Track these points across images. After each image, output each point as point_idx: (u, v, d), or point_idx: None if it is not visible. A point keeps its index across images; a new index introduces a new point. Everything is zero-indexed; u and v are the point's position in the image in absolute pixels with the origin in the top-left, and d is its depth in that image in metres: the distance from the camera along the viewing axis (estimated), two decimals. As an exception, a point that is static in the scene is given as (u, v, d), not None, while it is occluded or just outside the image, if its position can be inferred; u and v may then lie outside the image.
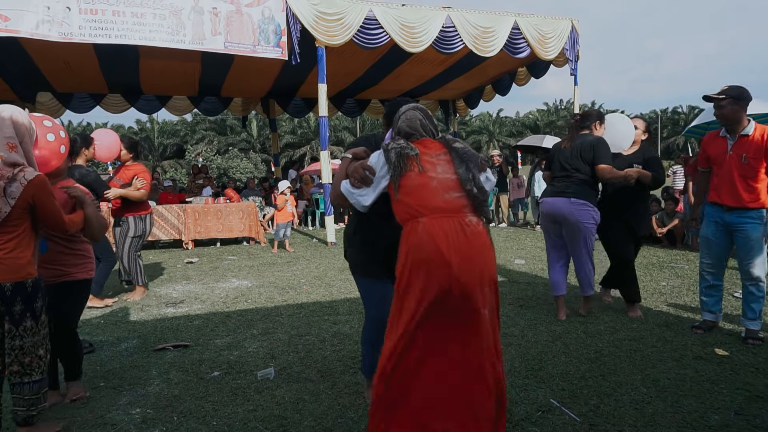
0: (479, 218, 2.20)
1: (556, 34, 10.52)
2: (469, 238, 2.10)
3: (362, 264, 2.64)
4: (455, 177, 2.18)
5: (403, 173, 2.16)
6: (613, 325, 3.97)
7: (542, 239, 8.80)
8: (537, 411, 2.61)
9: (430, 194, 2.13)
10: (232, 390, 2.99)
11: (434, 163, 2.20)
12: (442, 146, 2.27)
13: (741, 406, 2.62)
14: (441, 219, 2.10)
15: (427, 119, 2.33)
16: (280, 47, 8.64)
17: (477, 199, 2.18)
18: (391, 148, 2.20)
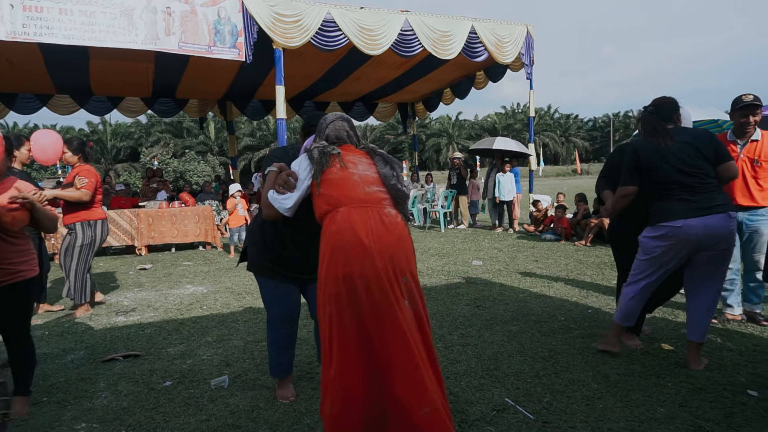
0: (398, 213, 2.30)
1: (512, 39, 10.74)
2: (388, 228, 2.20)
3: (261, 263, 2.78)
4: (376, 175, 2.33)
5: (325, 169, 2.27)
6: (567, 324, 4.06)
7: (500, 240, 9.05)
8: (492, 410, 2.64)
9: (350, 186, 2.25)
10: (185, 400, 2.90)
11: (356, 162, 2.33)
12: (366, 154, 2.41)
13: (685, 398, 2.73)
14: (360, 208, 2.20)
15: (352, 130, 2.49)
16: (237, 48, 8.49)
17: (399, 195, 2.31)
18: (313, 148, 2.33)
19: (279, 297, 2.78)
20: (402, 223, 2.29)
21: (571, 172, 53.86)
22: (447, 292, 5.21)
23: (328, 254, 2.17)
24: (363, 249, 2.12)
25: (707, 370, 3.07)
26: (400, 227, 2.26)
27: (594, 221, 8.22)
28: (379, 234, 2.16)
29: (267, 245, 2.72)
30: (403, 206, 2.33)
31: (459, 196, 11.35)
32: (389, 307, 2.11)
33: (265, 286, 2.81)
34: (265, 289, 2.82)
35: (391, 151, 58.12)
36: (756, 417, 2.50)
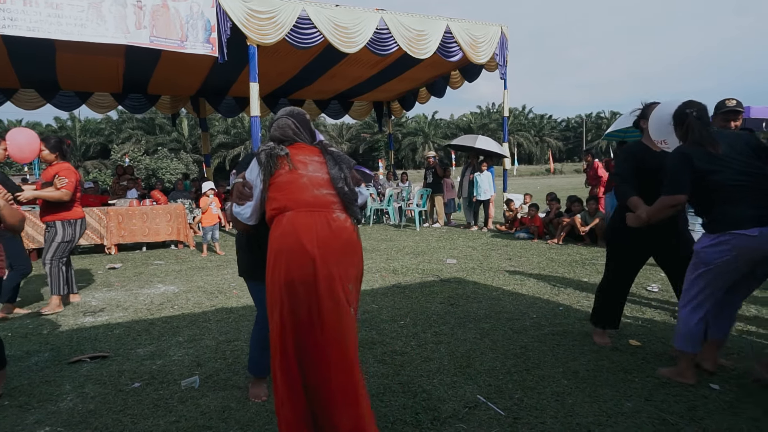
0: (348, 216, 2.28)
1: (486, 39, 10.83)
2: (334, 233, 2.17)
3: (251, 267, 2.72)
4: (327, 177, 2.27)
5: (273, 172, 2.22)
6: (538, 321, 4.12)
7: (475, 239, 9.13)
8: (464, 407, 2.66)
9: (298, 189, 2.20)
10: (154, 401, 2.85)
11: (306, 162, 2.27)
12: (317, 150, 2.36)
13: (651, 392, 2.79)
14: (306, 213, 2.17)
15: (300, 126, 2.39)
16: (210, 43, 8.37)
17: (347, 197, 2.27)
18: (260, 151, 2.28)
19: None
20: (350, 228, 2.26)
21: (545, 171, 54.69)
22: (421, 291, 5.23)
23: (272, 259, 2.17)
24: (306, 256, 2.10)
25: (671, 365, 3.14)
26: (348, 232, 2.23)
27: (566, 220, 8.35)
28: (325, 240, 2.14)
29: (254, 248, 2.65)
30: (352, 209, 2.30)
31: (434, 195, 11.41)
32: (330, 314, 2.11)
33: (258, 289, 2.71)
34: (258, 291, 2.72)
35: (367, 149, 58.08)
36: (717, 409, 2.58)
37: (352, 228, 2.27)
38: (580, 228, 8.10)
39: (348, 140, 60.43)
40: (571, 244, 8.20)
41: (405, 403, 2.72)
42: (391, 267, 6.56)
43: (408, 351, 3.51)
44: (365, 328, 4.05)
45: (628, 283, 3.52)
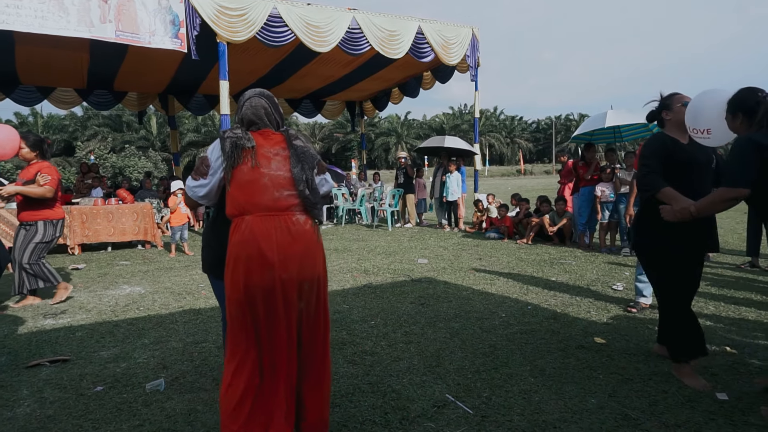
0: (308, 217, 2.24)
1: (458, 41, 10.93)
2: (294, 237, 2.14)
3: (216, 264, 2.63)
4: (289, 175, 2.20)
5: (236, 165, 2.15)
6: (507, 320, 4.17)
7: (446, 239, 9.18)
8: (433, 407, 2.68)
9: (259, 191, 2.14)
10: (117, 405, 2.78)
11: (270, 158, 2.20)
12: (282, 140, 2.26)
13: (614, 389, 2.86)
14: (266, 217, 2.12)
15: (272, 107, 2.31)
16: (179, 39, 8.20)
17: (308, 200, 2.21)
18: (226, 137, 2.17)
19: None
20: (310, 230, 2.23)
21: (516, 172, 55.50)
22: (392, 291, 5.24)
23: (231, 263, 2.14)
24: (265, 262, 2.08)
25: (635, 361, 3.24)
26: (308, 234, 2.20)
27: (535, 220, 8.48)
28: (285, 245, 2.12)
29: (219, 245, 2.61)
30: (313, 211, 2.26)
31: (406, 195, 11.45)
32: (285, 320, 2.13)
33: (220, 286, 2.66)
34: (221, 288, 2.67)
35: (340, 149, 57.92)
36: (676, 404, 2.65)
37: (313, 230, 2.24)
38: (548, 228, 8.24)
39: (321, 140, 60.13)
40: (540, 243, 8.33)
41: (374, 403, 2.72)
42: (363, 267, 6.55)
43: (378, 351, 3.51)
44: (336, 328, 4.03)
45: (691, 295, 3.02)
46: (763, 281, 5.11)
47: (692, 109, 2.87)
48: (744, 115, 2.59)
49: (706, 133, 2.81)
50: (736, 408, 2.60)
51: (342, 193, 12.55)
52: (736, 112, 2.62)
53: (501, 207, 9.59)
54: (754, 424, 2.44)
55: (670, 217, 2.66)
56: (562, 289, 5.23)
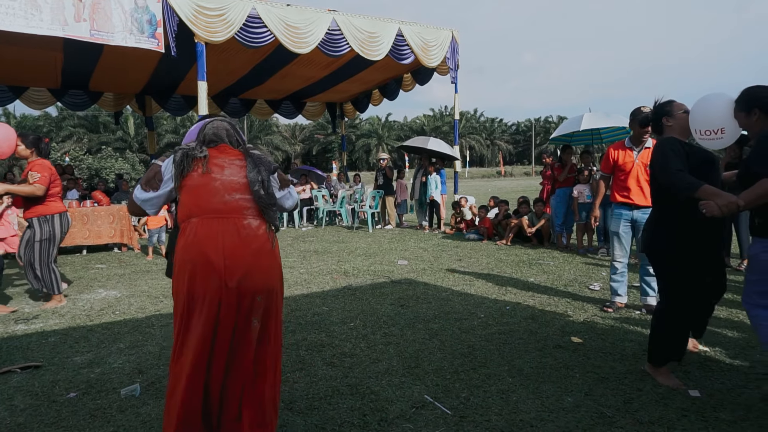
0: (263, 222, 2.17)
1: (438, 43, 10.98)
2: (244, 241, 2.07)
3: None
4: (244, 180, 2.15)
5: (186, 173, 2.12)
6: (486, 320, 4.20)
7: (426, 240, 9.21)
8: (411, 408, 2.68)
9: (208, 194, 2.09)
10: (90, 412, 2.73)
11: (224, 166, 2.16)
12: (240, 154, 2.24)
13: (590, 387, 2.90)
14: (213, 220, 2.06)
15: (234, 131, 2.31)
16: (156, 39, 8.09)
17: (263, 202, 2.15)
18: (178, 149, 2.17)
19: None
20: (263, 235, 2.14)
21: (496, 173, 55.96)
22: (372, 292, 5.24)
23: (176, 269, 2.08)
24: (210, 267, 2.00)
25: (611, 360, 3.29)
26: (260, 240, 2.12)
27: (514, 221, 8.56)
28: (233, 249, 2.04)
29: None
30: (268, 214, 2.19)
31: (386, 197, 11.46)
32: (231, 329, 2.05)
33: None
34: None
35: (320, 150, 57.72)
36: (650, 401, 2.70)
37: (266, 235, 2.15)
38: (527, 229, 8.33)
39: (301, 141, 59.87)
40: (519, 244, 8.41)
41: (353, 405, 2.72)
42: (343, 269, 6.54)
43: (357, 353, 3.51)
44: (315, 330, 4.02)
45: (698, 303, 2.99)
46: (734, 280, 5.23)
47: (701, 113, 2.90)
48: (761, 110, 2.62)
49: (720, 133, 2.83)
50: (708, 404, 2.65)
51: (322, 194, 12.52)
52: (752, 108, 2.65)
53: (481, 208, 9.66)
54: (725, 419, 2.50)
55: (716, 212, 2.54)
56: (540, 289, 5.29)
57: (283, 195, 2.32)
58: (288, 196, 2.35)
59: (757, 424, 2.45)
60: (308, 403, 2.77)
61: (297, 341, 3.77)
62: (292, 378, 3.10)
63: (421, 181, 10.86)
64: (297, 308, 4.69)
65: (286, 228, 11.65)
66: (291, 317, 4.40)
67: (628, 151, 4.38)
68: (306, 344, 3.70)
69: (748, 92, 2.70)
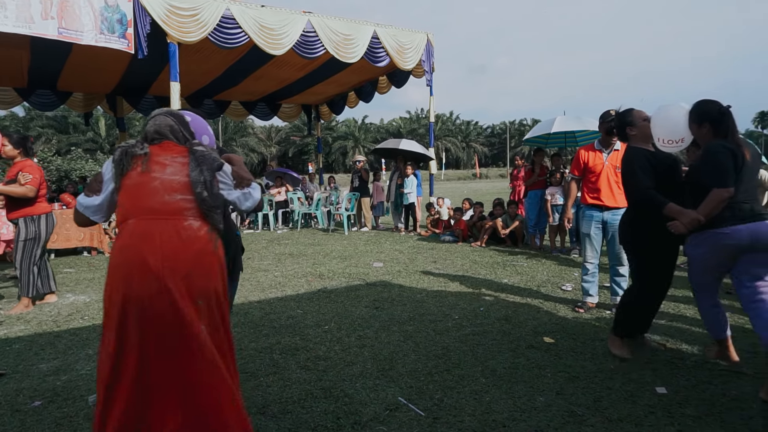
0: (204, 224, 2.08)
1: (413, 46, 11.04)
2: (185, 243, 1.98)
3: None
4: (186, 180, 2.05)
5: (125, 172, 2.03)
6: (460, 322, 4.23)
7: (402, 242, 9.24)
8: (385, 410, 2.68)
9: (146, 194, 2.00)
10: (56, 420, 2.66)
11: (165, 164, 2.07)
12: (185, 151, 2.13)
13: (562, 387, 2.94)
14: (151, 221, 1.98)
15: (180, 125, 2.21)
16: (126, 39, 7.95)
17: (205, 203, 2.05)
18: (117, 148, 2.09)
19: None
20: (205, 237, 2.04)
21: (472, 176, 56.48)
22: (347, 295, 5.23)
23: (109, 272, 1.97)
24: (147, 269, 1.90)
25: (581, 359, 3.34)
26: (202, 242, 2.02)
27: (488, 223, 8.65)
28: (173, 251, 1.94)
29: None
30: (211, 216, 2.08)
31: (362, 199, 11.46)
32: (174, 334, 1.92)
33: None
34: None
35: (297, 153, 57.41)
36: (619, 399, 2.76)
37: (208, 237, 2.05)
38: (501, 231, 8.42)
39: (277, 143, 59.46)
40: (493, 246, 8.50)
41: (326, 408, 2.70)
42: (318, 271, 6.51)
43: (331, 356, 3.49)
44: (289, 333, 3.99)
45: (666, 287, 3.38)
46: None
47: (665, 124, 3.16)
48: (710, 124, 2.89)
49: (680, 142, 3.12)
50: (674, 401, 2.72)
51: (298, 197, 12.45)
52: (703, 122, 2.91)
53: (456, 211, 9.73)
54: (690, 415, 2.56)
55: (682, 230, 2.89)
56: (514, 290, 5.35)
57: (238, 195, 2.20)
58: (246, 196, 2.22)
59: (720, 419, 2.52)
60: (281, 406, 2.74)
61: (271, 345, 3.73)
62: (265, 382, 3.08)
63: (397, 183, 10.89)
64: (271, 311, 4.65)
65: (261, 231, 11.54)
66: (265, 321, 4.35)
67: (598, 153, 4.49)
68: (280, 348, 3.67)
69: (700, 107, 2.94)
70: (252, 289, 5.57)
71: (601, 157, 4.46)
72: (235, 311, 4.64)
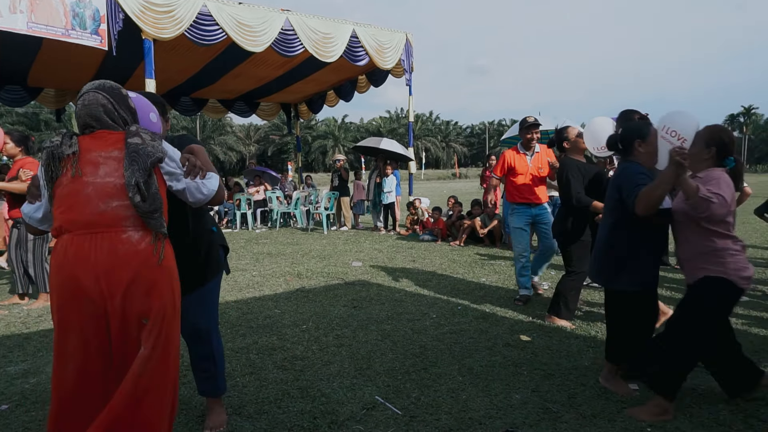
0: (147, 233, 1.86)
1: (392, 45, 11.04)
2: (122, 260, 1.78)
3: None
4: (121, 181, 1.82)
5: (55, 179, 1.82)
6: (438, 321, 4.25)
7: (381, 241, 9.24)
8: (362, 409, 2.68)
9: (80, 205, 1.79)
10: (24, 424, 2.59)
11: (99, 163, 1.83)
12: (121, 139, 1.87)
13: (537, 384, 2.98)
14: (86, 236, 1.78)
15: (115, 103, 1.92)
16: (99, 35, 7.78)
17: (140, 208, 1.82)
18: (45, 148, 1.83)
19: None
20: (146, 251, 1.84)
21: (451, 175, 56.78)
22: (325, 294, 5.21)
23: (51, 291, 1.85)
24: (82, 293, 1.75)
25: (557, 357, 3.38)
26: (142, 256, 1.82)
27: (467, 222, 8.70)
28: (109, 270, 1.76)
29: None
30: (151, 223, 1.85)
31: (341, 198, 11.42)
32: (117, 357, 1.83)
33: None
34: None
35: (276, 151, 57.03)
36: (593, 396, 2.80)
37: (150, 250, 1.84)
38: (479, 230, 8.48)
39: (256, 141, 58.99)
40: (472, 245, 8.55)
41: (303, 408, 2.69)
42: (296, 271, 6.47)
43: (309, 355, 3.47)
44: (266, 333, 3.95)
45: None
46: (671, 278, 5.49)
47: (595, 134, 3.92)
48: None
49: (605, 149, 3.76)
50: (645, 396, 2.76)
51: (277, 196, 12.35)
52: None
53: (434, 210, 9.77)
54: (661, 411, 2.61)
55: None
56: (492, 289, 5.39)
57: (188, 184, 2.00)
58: (196, 189, 2.01)
59: (689, 413, 2.58)
60: (257, 407, 2.72)
61: (247, 345, 3.69)
62: (241, 382, 3.04)
63: (376, 182, 10.89)
64: (248, 311, 4.60)
65: (239, 230, 11.43)
66: (242, 320, 4.31)
67: (522, 156, 4.92)
68: (257, 348, 3.63)
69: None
70: (229, 289, 5.51)
71: (525, 159, 4.90)
72: (212, 311, 4.58)
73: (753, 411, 2.60)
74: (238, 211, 11.72)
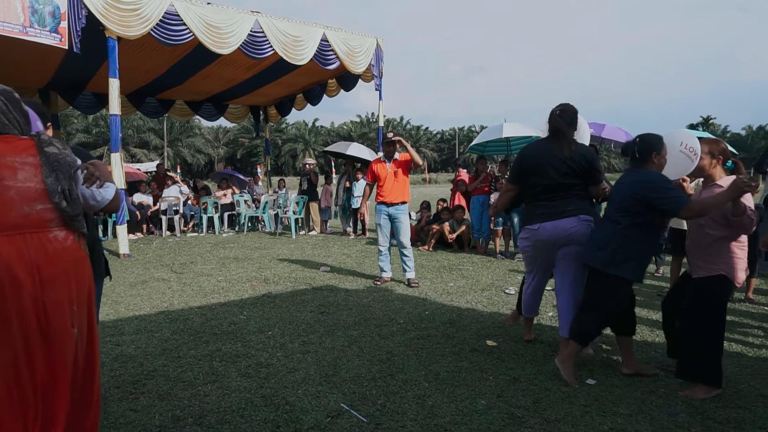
0: (70, 232, 2.01)
1: (363, 50, 11.03)
2: (52, 258, 1.93)
3: None
4: (42, 186, 1.92)
5: None
6: (405, 326, 4.23)
7: (350, 246, 9.21)
8: (327, 417, 2.64)
9: (4, 207, 1.85)
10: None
11: (15, 168, 1.89)
12: (32, 146, 1.96)
13: (503, 389, 2.99)
14: (16, 237, 1.86)
15: (8, 105, 1.96)
16: (59, 33, 7.52)
17: (66, 213, 1.96)
18: None
19: None
20: (73, 246, 2.00)
21: (422, 180, 57.08)
22: (292, 299, 5.14)
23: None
24: (19, 287, 1.84)
25: (522, 362, 3.41)
26: (69, 252, 1.98)
27: (435, 227, 8.74)
28: (43, 266, 1.90)
29: None
30: (74, 225, 2.00)
31: (310, 203, 11.34)
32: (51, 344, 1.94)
33: None
34: None
35: (245, 154, 56.30)
36: (557, 400, 2.83)
37: (76, 246, 2.02)
38: (448, 235, 8.53)
39: (225, 144, 58.15)
40: (440, 250, 8.59)
41: (266, 417, 2.63)
42: (263, 276, 6.37)
43: (273, 362, 3.41)
44: (230, 340, 3.87)
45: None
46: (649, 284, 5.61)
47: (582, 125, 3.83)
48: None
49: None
50: (608, 400, 2.82)
51: (244, 199, 12.18)
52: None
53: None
54: (623, 413, 2.66)
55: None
56: (459, 294, 5.41)
57: (82, 192, 2.08)
58: (90, 195, 2.10)
59: (649, 416, 2.63)
60: (219, 416, 2.65)
61: (211, 352, 3.61)
62: (203, 391, 2.96)
63: (345, 186, 10.84)
64: (213, 317, 4.50)
65: (206, 234, 11.21)
66: (206, 327, 4.21)
67: (383, 164, 5.88)
68: (220, 355, 3.55)
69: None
70: (193, 294, 5.39)
71: (385, 166, 5.85)
72: (174, 317, 4.47)
73: (711, 413, 2.67)
74: (204, 214, 11.50)
